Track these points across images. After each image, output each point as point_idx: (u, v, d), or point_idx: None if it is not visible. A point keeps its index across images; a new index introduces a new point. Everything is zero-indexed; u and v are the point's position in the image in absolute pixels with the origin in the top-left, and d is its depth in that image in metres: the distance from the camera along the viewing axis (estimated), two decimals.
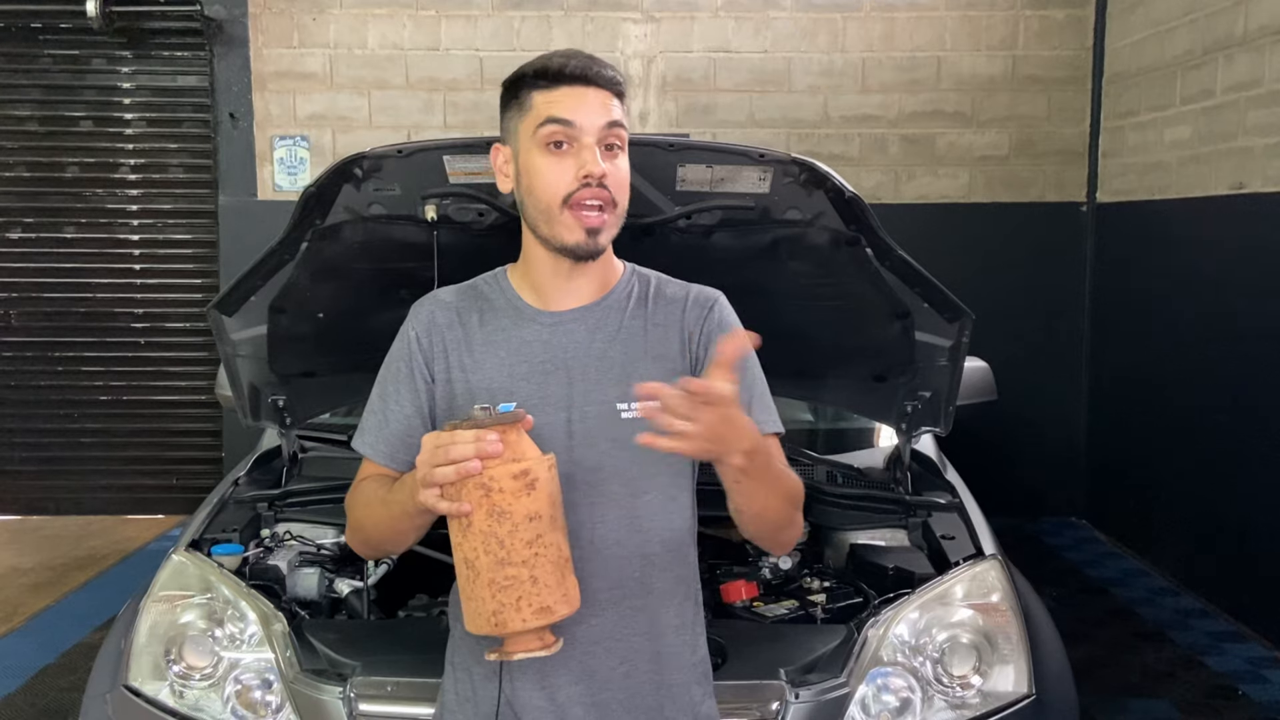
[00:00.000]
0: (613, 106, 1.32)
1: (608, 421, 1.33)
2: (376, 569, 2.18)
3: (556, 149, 1.30)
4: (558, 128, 1.30)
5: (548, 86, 1.31)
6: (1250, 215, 3.78)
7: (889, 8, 4.94)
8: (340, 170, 1.92)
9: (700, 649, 1.43)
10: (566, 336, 1.37)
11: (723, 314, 1.41)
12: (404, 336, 1.41)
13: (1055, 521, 5.09)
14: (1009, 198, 5.03)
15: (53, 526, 5.02)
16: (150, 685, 1.83)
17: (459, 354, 1.37)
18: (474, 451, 1.14)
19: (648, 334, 1.38)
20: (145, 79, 5.06)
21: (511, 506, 1.15)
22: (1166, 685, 3.32)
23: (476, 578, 1.17)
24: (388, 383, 1.41)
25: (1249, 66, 3.79)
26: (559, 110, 1.30)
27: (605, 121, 1.30)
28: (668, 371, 1.35)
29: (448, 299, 1.42)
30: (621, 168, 1.33)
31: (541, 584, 1.17)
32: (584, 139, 1.30)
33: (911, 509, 2.31)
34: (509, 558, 1.15)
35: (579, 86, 1.30)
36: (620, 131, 1.32)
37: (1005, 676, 1.82)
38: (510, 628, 1.17)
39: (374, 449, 1.39)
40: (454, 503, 1.15)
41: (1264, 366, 3.68)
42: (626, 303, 1.40)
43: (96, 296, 5.14)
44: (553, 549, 1.18)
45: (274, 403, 2.34)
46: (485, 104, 4.96)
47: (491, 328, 1.38)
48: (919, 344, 2.22)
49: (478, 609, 1.18)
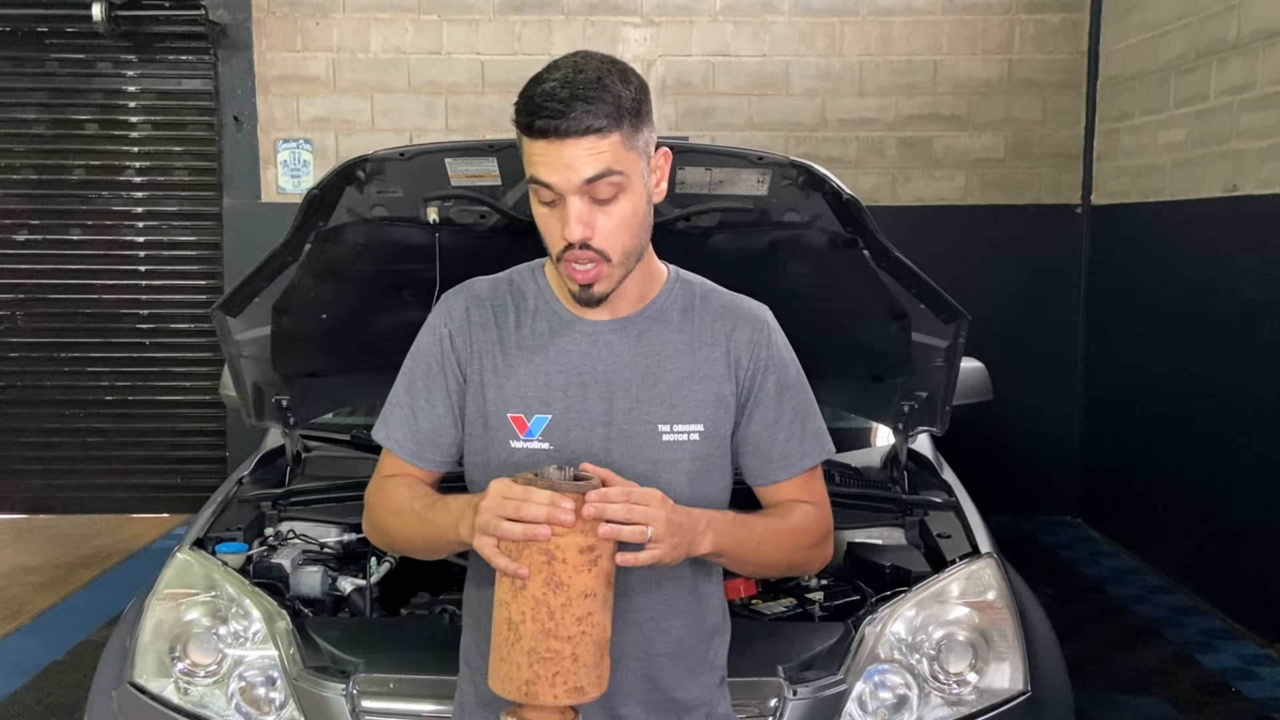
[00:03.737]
0: (594, 156, 1.18)
1: (648, 442, 1.29)
2: (379, 567, 2.18)
3: (549, 205, 1.23)
4: (542, 188, 1.21)
5: (529, 137, 1.21)
6: (1243, 217, 3.80)
7: (886, 12, 4.96)
8: (343, 173, 1.94)
9: (720, 657, 1.42)
10: (607, 349, 1.31)
11: (772, 341, 1.37)
12: (435, 331, 1.35)
13: (1050, 520, 5.11)
14: (1005, 200, 5.05)
15: (59, 525, 5.03)
16: (155, 682, 1.84)
17: (493, 357, 1.32)
18: (546, 515, 1.09)
19: (695, 353, 1.33)
20: (150, 83, 5.08)
21: (571, 580, 1.11)
22: (1160, 682, 3.33)
23: (518, 641, 1.13)
24: (417, 378, 1.34)
25: (1242, 70, 3.82)
26: (540, 171, 1.20)
27: (584, 179, 1.19)
28: (713, 395, 1.32)
29: (483, 294, 1.35)
30: (617, 214, 1.22)
31: (581, 663, 1.13)
32: (567, 198, 1.20)
33: (908, 508, 2.32)
34: (556, 630, 1.11)
35: (553, 141, 1.18)
36: (611, 180, 1.19)
37: (1001, 673, 1.83)
38: (540, 700, 1.13)
39: (400, 445, 1.34)
40: (512, 562, 1.11)
41: (1257, 366, 3.70)
42: (671, 315, 1.34)
43: (102, 298, 5.16)
44: (599, 629, 1.14)
45: (277, 403, 2.36)
46: (486, 107, 4.99)
47: (528, 331, 1.32)
48: (916, 345, 2.23)
49: (510, 673, 1.14)
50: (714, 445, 1.34)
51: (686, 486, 1.31)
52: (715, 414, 1.33)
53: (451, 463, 1.37)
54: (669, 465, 1.30)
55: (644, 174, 1.25)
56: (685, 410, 1.32)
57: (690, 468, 1.32)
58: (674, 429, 1.30)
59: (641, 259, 1.30)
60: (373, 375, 2.40)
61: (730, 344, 1.34)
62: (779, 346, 1.38)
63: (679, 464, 1.31)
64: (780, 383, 1.37)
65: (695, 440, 1.32)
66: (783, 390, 1.37)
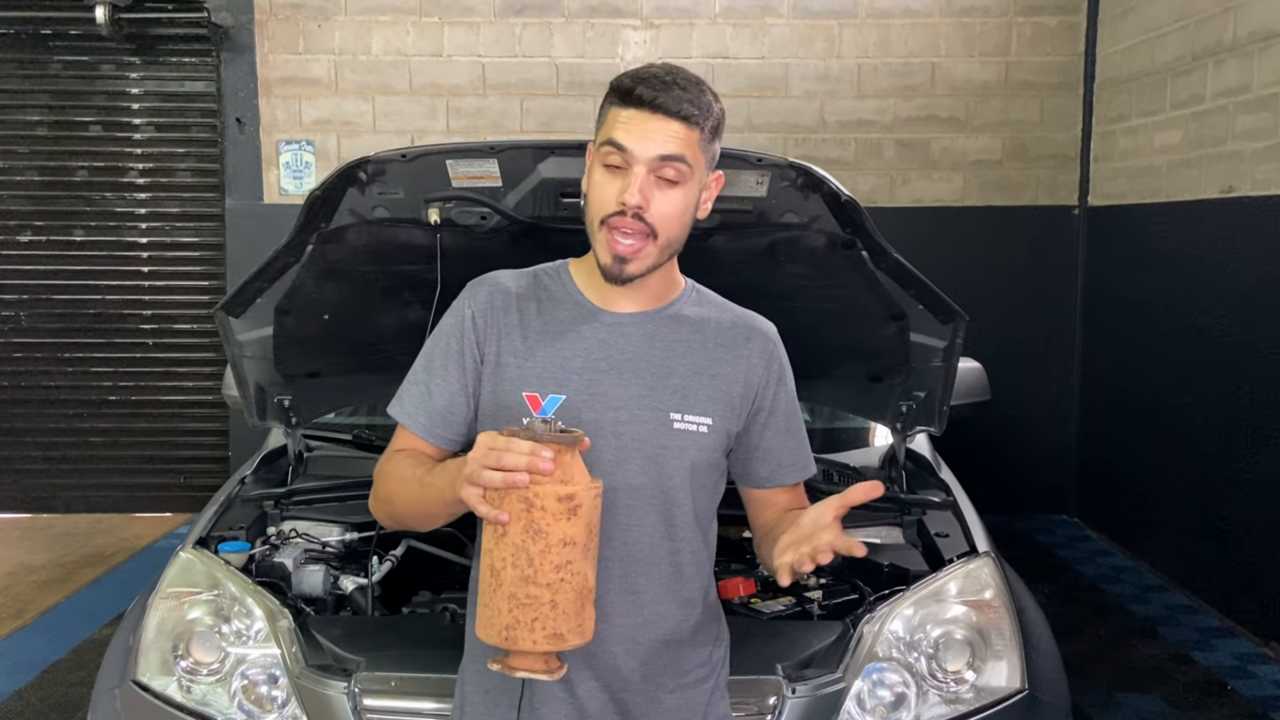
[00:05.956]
0: (676, 139, 1.27)
1: (658, 428, 1.34)
2: (380, 566, 2.20)
3: (613, 170, 1.29)
4: (612, 150, 1.28)
5: (621, 105, 1.29)
6: (1239, 218, 3.81)
7: (884, 14, 4.98)
8: (345, 174, 1.94)
9: (717, 653, 1.46)
10: (624, 339, 1.37)
11: (782, 355, 1.45)
12: (459, 313, 1.39)
13: (1047, 519, 5.12)
14: (1002, 201, 5.07)
15: (62, 524, 5.05)
16: (158, 680, 1.84)
17: (512, 339, 1.36)
18: (525, 464, 1.12)
19: (707, 352, 1.39)
20: (153, 85, 5.09)
21: (549, 527, 1.14)
22: (1157, 680, 3.34)
23: (499, 587, 1.16)
24: (435, 356, 1.39)
25: (1238, 72, 3.83)
26: (619, 133, 1.28)
27: (659, 154, 1.27)
28: (723, 393, 1.38)
29: (507, 283, 1.40)
30: (673, 200, 1.29)
31: (560, 610, 1.16)
32: (635, 167, 1.27)
33: (906, 507, 2.33)
34: (535, 577, 1.14)
35: (645, 112, 1.27)
36: (678, 166, 1.28)
37: (998, 672, 1.84)
38: (519, 645, 1.16)
39: (414, 420, 1.37)
40: (494, 509, 1.14)
41: (1252, 367, 3.71)
42: (686, 318, 1.40)
43: (105, 298, 5.17)
44: (579, 577, 1.17)
45: (280, 402, 2.36)
46: (487, 109, 5.01)
47: (549, 318, 1.37)
48: (914, 345, 2.24)
49: (492, 618, 1.17)
50: (718, 441, 1.39)
51: (687, 476, 1.36)
52: (723, 411, 1.39)
53: (461, 442, 1.39)
54: (676, 452, 1.35)
55: (701, 182, 1.34)
56: (696, 403, 1.37)
57: (696, 458, 1.37)
58: (685, 418, 1.35)
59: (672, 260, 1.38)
60: (374, 375, 2.41)
61: (744, 351, 1.41)
62: (786, 362, 1.46)
63: (686, 452, 1.36)
64: (789, 395, 1.46)
65: (704, 433, 1.37)
66: (790, 402, 1.46)
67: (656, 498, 1.35)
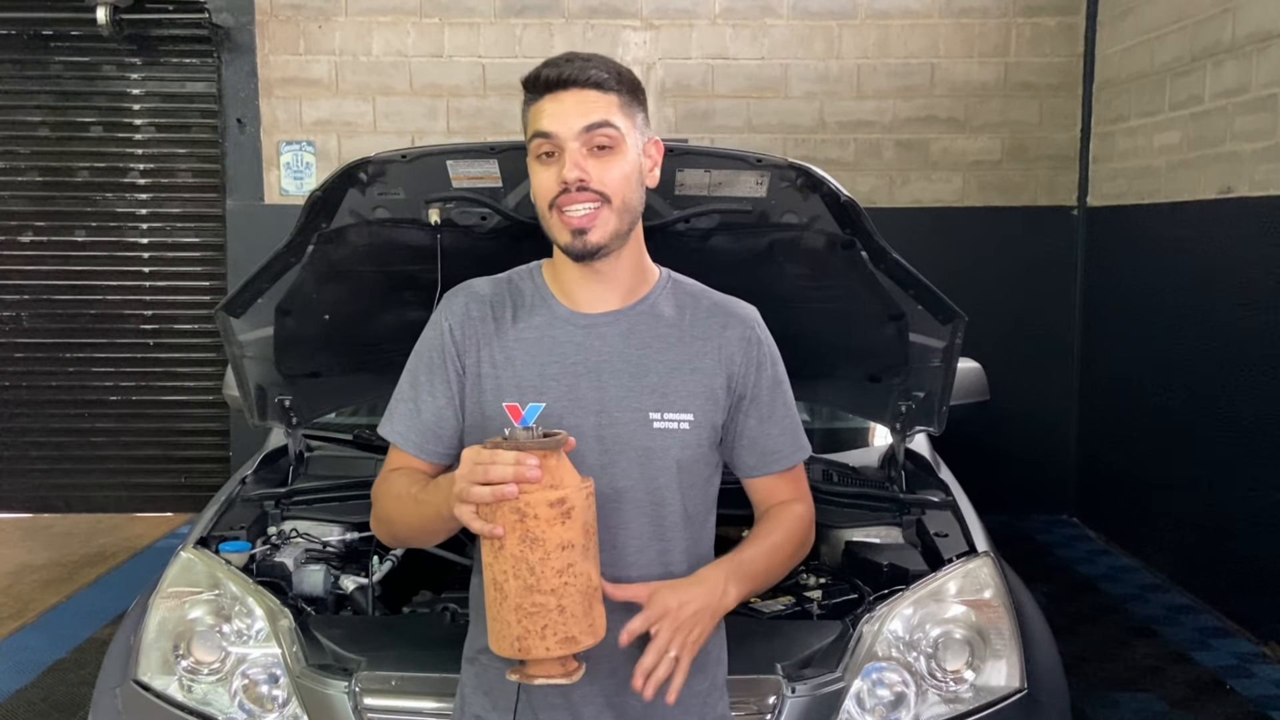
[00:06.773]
0: (596, 106, 1.28)
1: (638, 429, 1.33)
2: (381, 566, 2.20)
3: (548, 158, 1.30)
4: (541, 140, 1.30)
5: (534, 98, 1.31)
6: (1238, 218, 3.82)
7: (884, 15, 4.99)
8: (345, 175, 1.94)
9: (714, 654, 1.45)
10: (600, 340, 1.35)
11: (763, 339, 1.42)
12: (437, 326, 1.39)
13: (1046, 519, 5.13)
14: (1001, 202, 5.07)
15: (64, 524, 5.06)
16: (159, 680, 1.84)
17: (490, 349, 1.36)
18: (512, 475, 1.12)
19: (686, 346, 1.37)
20: (154, 85, 5.10)
21: (545, 534, 1.13)
22: (1155, 680, 3.35)
23: (504, 600, 1.15)
24: (419, 372, 1.39)
25: (1236, 73, 3.84)
26: (541, 123, 1.29)
27: (584, 125, 1.28)
28: (704, 387, 1.36)
29: (483, 291, 1.40)
30: (612, 166, 1.29)
31: (569, 613, 1.15)
32: (566, 146, 1.28)
33: (906, 507, 2.33)
34: (538, 585, 1.14)
35: (557, 92, 1.29)
36: (606, 132, 1.28)
37: (997, 671, 1.84)
38: (533, 654, 1.16)
39: (404, 439, 1.38)
40: (488, 524, 1.13)
41: (1250, 367, 3.72)
42: (662, 311, 1.39)
43: (107, 299, 5.18)
44: (582, 579, 1.16)
45: (280, 403, 2.36)
46: (488, 110, 5.01)
47: (524, 325, 1.37)
48: (913, 345, 2.24)
49: (501, 631, 1.17)
50: (703, 436, 1.38)
51: (674, 475, 1.35)
52: (705, 405, 1.37)
53: (453, 455, 1.39)
54: (660, 453, 1.34)
55: (638, 146, 1.33)
56: (675, 400, 1.36)
57: (681, 456, 1.36)
58: (665, 417, 1.34)
59: (635, 229, 1.36)
60: (375, 375, 2.41)
61: (722, 340, 1.39)
62: (769, 345, 1.43)
63: (669, 451, 1.35)
64: (773, 379, 1.43)
65: (685, 429, 1.36)
66: (774, 386, 1.43)
67: (644, 499, 1.35)
